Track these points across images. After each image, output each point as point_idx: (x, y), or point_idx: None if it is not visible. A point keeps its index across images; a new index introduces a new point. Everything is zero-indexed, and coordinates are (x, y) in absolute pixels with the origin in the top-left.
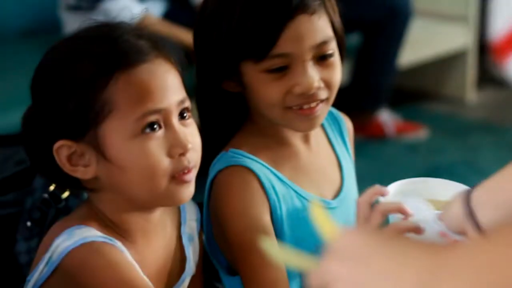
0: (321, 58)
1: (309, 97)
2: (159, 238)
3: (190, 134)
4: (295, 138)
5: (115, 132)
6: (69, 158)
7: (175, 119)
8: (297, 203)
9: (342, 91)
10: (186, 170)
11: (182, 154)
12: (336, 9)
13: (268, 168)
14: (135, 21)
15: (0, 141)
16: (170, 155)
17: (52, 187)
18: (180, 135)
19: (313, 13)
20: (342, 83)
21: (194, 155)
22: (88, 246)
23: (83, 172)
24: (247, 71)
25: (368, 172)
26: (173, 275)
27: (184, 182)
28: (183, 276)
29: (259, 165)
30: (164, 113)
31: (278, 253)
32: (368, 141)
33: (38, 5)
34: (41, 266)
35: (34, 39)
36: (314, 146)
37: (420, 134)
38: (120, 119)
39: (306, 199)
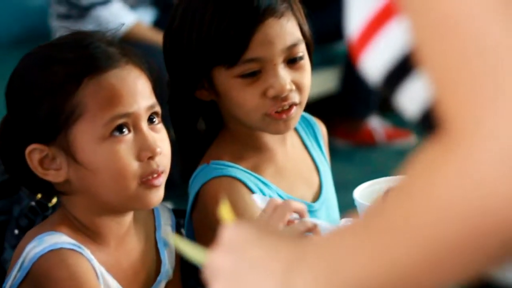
0: (291, 61)
1: (283, 99)
2: (133, 242)
3: (160, 139)
4: (273, 143)
5: (85, 135)
6: (41, 161)
7: (144, 124)
8: None
9: (331, 98)
10: (155, 174)
11: (151, 157)
12: (303, 12)
13: (251, 174)
14: (126, 29)
15: None
16: (139, 158)
17: (39, 195)
18: (149, 139)
19: (281, 16)
20: (332, 90)
21: (163, 160)
22: (55, 254)
23: (55, 175)
24: (219, 78)
25: (358, 178)
26: (149, 278)
27: (153, 186)
28: (158, 278)
29: (243, 172)
30: (133, 117)
31: (181, 245)
32: (358, 147)
33: (29, 14)
34: (14, 272)
35: (25, 48)
36: (290, 150)
37: (410, 140)
38: (90, 123)
39: None
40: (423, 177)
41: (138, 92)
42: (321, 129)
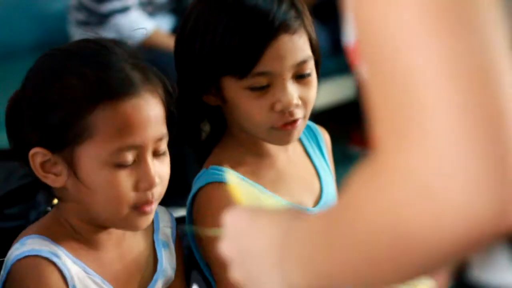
0: (300, 77)
1: (289, 113)
2: (129, 243)
3: (160, 170)
4: (274, 149)
5: (89, 157)
6: (42, 164)
7: (149, 155)
8: None
9: (348, 105)
10: (149, 202)
11: (148, 189)
12: (313, 27)
13: (249, 182)
14: (144, 37)
15: (5, 155)
16: (136, 189)
17: (55, 201)
18: (151, 172)
19: (294, 32)
20: (348, 97)
21: (159, 189)
22: (29, 261)
23: (53, 180)
24: (228, 87)
25: None
26: (146, 278)
27: (145, 213)
28: (155, 277)
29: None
30: (140, 148)
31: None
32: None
33: (48, 20)
34: (2, 271)
35: None
36: (291, 156)
37: None
38: (97, 147)
39: None
40: (357, 191)
41: (151, 123)
42: (324, 136)
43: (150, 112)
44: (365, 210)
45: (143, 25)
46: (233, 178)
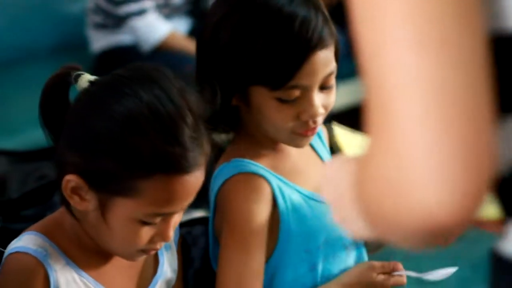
0: (324, 87)
1: (313, 122)
2: None
3: (174, 228)
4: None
5: (124, 210)
6: (74, 188)
7: (173, 218)
8: (300, 200)
9: (363, 108)
10: (156, 250)
11: (164, 240)
12: (337, 35)
13: (271, 173)
14: (161, 39)
15: (22, 157)
16: (151, 241)
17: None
18: (168, 233)
19: (327, 47)
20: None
21: (168, 241)
22: (19, 256)
23: (77, 202)
24: (256, 95)
25: None
26: (145, 279)
27: (149, 254)
28: (155, 278)
29: (264, 170)
30: (170, 214)
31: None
32: None
33: (67, 23)
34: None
35: (63, 56)
36: (301, 150)
37: None
38: (135, 207)
39: (307, 196)
40: (359, 172)
41: (190, 197)
42: (323, 131)
43: (195, 187)
44: (366, 186)
45: (160, 27)
46: (339, 129)
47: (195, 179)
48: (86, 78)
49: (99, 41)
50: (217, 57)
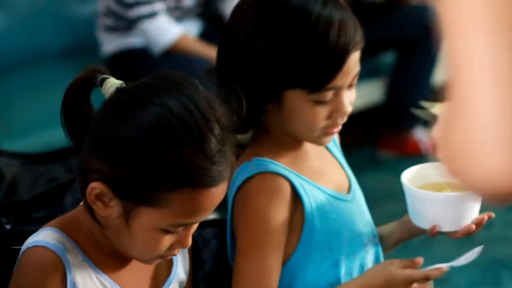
0: (350, 86)
1: (341, 120)
2: None
3: (193, 231)
4: (307, 144)
5: (149, 219)
6: (98, 194)
7: (192, 228)
8: (323, 198)
9: (377, 109)
10: (171, 256)
11: (181, 246)
12: None
13: (292, 172)
14: (172, 42)
15: (33, 159)
16: (170, 247)
17: (80, 205)
18: (187, 241)
19: (360, 47)
20: (377, 101)
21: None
22: (37, 250)
23: (100, 208)
24: (291, 97)
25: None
26: (160, 280)
27: (166, 259)
28: (169, 279)
29: (285, 169)
30: (192, 224)
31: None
32: (404, 158)
33: (76, 25)
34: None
35: (73, 59)
36: (317, 150)
37: None
38: (161, 217)
39: (329, 194)
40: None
41: (213, 208)
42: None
43: (221, 197)
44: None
45: (170, 30)
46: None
47: (221, 191)
48: (112, 83)
49: (110, 44)
50: (253, 65)
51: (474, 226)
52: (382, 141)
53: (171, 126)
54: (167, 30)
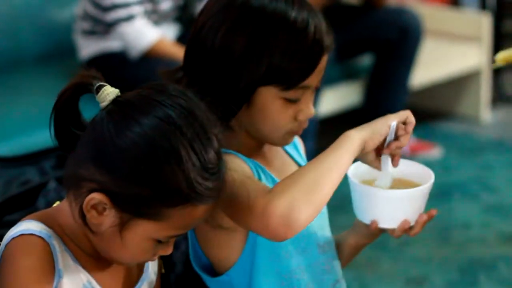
0: (315, 88)
1: (305, 122)
2: None
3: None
4: (266, 147)
5: (144, 231)
6: (95, 204)
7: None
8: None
9: (355, 111)
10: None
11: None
12: None
13: (253, 161)
14: (149, 45)
15: (6, 162)
16: (155, 253)
17: (55, 205)
18: (171, 247)
19: (330, 51)
20: (354, 104)
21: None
22: (24, 238)
23: (94, 216)
24: (264, 94)
25: None
26: (133, 279)
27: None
28: (141, 279)
29: (247, 159)
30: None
31: None
32: None
33: (55, 30)
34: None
35: (50, 64)
36: (277, 152)
37: (434, 153)
38: (156, 229)
39: None
40: None
41: (201, 221)
42: (299, 142)
43: (208, 213)
44: None
45: (148, 34)
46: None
47: (209, 208)
48: (109, 91)
49: (87, 47)
50: (227, 63)
51: (410, 223)
52: None
53: (178, 142)
54: (145, 34)
